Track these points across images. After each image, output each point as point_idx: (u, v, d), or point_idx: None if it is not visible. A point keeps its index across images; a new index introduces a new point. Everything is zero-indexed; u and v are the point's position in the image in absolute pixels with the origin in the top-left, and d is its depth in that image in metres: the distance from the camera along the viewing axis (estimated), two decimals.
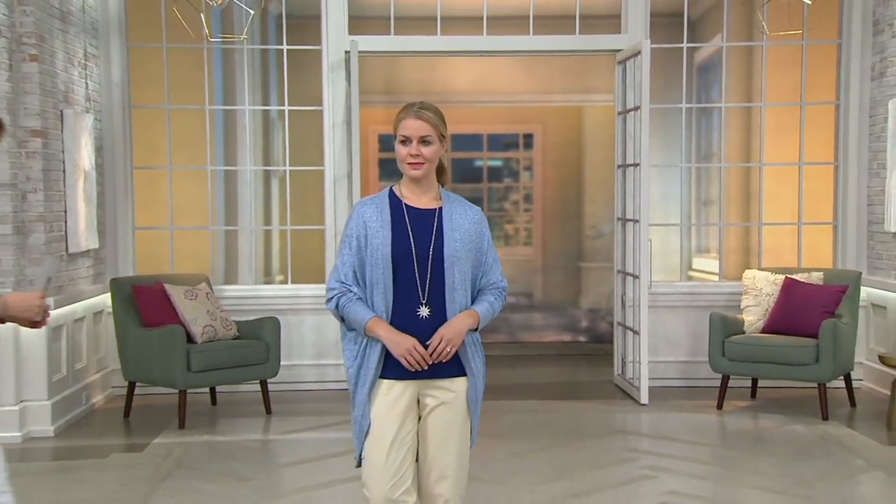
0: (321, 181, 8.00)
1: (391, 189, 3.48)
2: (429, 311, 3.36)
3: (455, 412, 3.42)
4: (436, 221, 3.41)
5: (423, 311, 3.36)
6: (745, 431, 6.70)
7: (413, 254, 3.36)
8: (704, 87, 10.59)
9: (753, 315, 7.29)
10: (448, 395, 3.41)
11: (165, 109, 7.91)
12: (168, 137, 7.91)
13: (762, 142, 8.25)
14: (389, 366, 3.37)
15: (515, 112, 12.43)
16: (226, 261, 9.06)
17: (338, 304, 3.40)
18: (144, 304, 6.93)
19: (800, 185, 8.12)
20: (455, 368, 3.41)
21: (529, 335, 11.06)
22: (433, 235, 3.39)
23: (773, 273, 7.46)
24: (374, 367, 3.37)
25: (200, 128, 8.00)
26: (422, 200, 3.44)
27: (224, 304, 7.43)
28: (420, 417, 3.43)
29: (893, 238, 7.42)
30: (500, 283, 3.51)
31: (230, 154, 9.02)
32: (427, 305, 3.36)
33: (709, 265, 10.07)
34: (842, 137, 8.02)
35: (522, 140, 12.75)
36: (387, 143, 11.88)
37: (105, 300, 7.44)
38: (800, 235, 8.13)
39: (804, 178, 8.13)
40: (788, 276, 7.33)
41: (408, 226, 3.39)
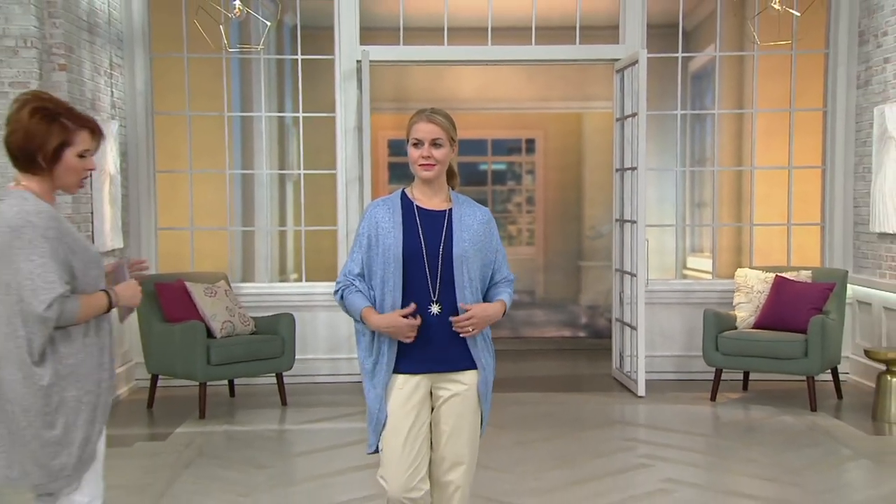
0: (334, 184, 8.02)
1: (403, 191, 3.49)
2: (439, 308, 3.37)
3: (466, 404, 3.43)
4: (446, 222, 3.42)
5: (434, 308, 3.37)
6: (738, 422, 6.70)
7: (423, 253, 3.36)
8: (698, 95, 10.59)
9: (745, 311, 7.29)
10: (460, 388, 3.42)
11: (186, 116, 7.94)
12: (189, 143, 7.94)
13: (753, 146, 8.26)
14: (404, 362, 3.39)
15: (518, 118, 12.42)
16: (243, 260, 9.07)
17: (342, 296, 3.45)
18: (166, 301, 6.95)
19: (789, 188, 8.12)
20: (466, 362, 3.42)
21: (532, 331, 11.05)
22: (443, 235, 3.39)
23: (764, 271, 7.46)
24: (388, 363, 3.38)
25: (219, 134, 8.02)
26: (432, 202, 3.45)
27: (241, 301, 7.44)
28: (433, 409, 3.45)
29: (878, 238, 7.43)
30: (510, 277, 3.57)
31: (247, 158, 9.04)
32: (437, 303, 3.37)
33: (703, 264, 10.06)
34: (829, 142, 8.02)
35: (525, 145, 12.76)
36: (396, 148, 11.89)
37: None
38: (789, 236, 8.13)
39: (793, 181, 8.12)
40: (778, 275, 7.33)
41: (418, 226, 3.40)
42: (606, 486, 5.18)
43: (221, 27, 7.51)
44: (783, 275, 7.32)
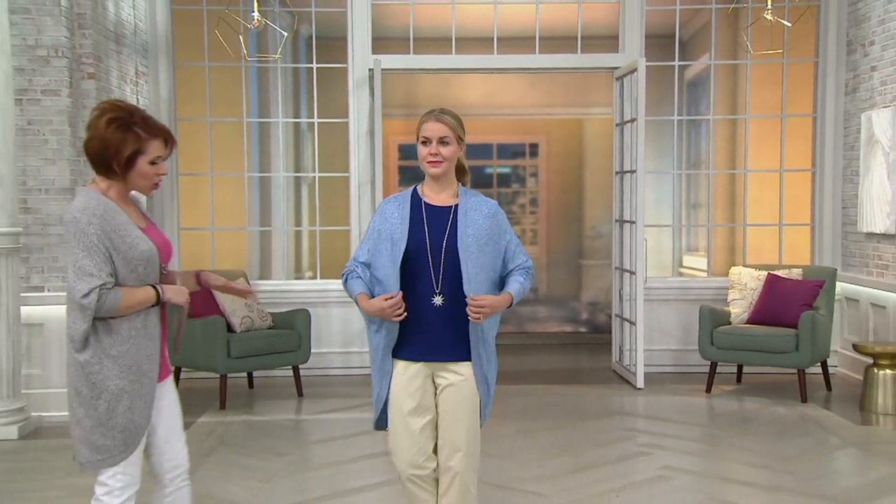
0: (347, 186, 8.05)
1: (415, 188, 3.51)
2: (442, 300, 3.38)
3: (463, 393, 3.43)
4: (451, 217, 3.42)
5: (437, 300, 3.38)
6: (732, 413, 6.72)
7: (427, 247, 3.38)
8: (694, 102, 10.58)
9: (739, 307, 7.31)
10: (456, 378, 3.43)
11: (207, 122, 7.97)
12: (210, 147, 7.97)
13: (746, 151, 8.26)
14: (405, 349, 3.42)
15: (522, 124, 12.42)
16: (261, 258, 9.10)
17: (345, 281, 3.50)
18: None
19: (781, 190, 8.13)
20: (463, 353, 3.42)
21: (535, 326, 11.07)
22: (447, 230, 3.40)
23: (757, 269, 7.47)
24: (386, 346, 3.42)
25: (238, 139, 8.06)
26: (440, 198, 3.45)
27: (260, 298, 7.48)
28: (436, 396, 3.46)
29: (865, 238, 7.44)
30: (527, 264, 3.53)
31: (265, 162, 9.06)
32: (441, 294, 3.38)
33: (698, 262, 10.06)
34: (818, 147, 8.03)
35: (529, 149, 12.74)
36: (406, 152, 11.90)
37: None
38: (781, 235, 8.14)
39: (785, 184, 8.13)
40: (770, 273, 7.34)
41: (424, 221, 3.41)
42: (607, 474, 5.19)
43: (241, 38, 7.54)
44: (775, 273, 7.33)
